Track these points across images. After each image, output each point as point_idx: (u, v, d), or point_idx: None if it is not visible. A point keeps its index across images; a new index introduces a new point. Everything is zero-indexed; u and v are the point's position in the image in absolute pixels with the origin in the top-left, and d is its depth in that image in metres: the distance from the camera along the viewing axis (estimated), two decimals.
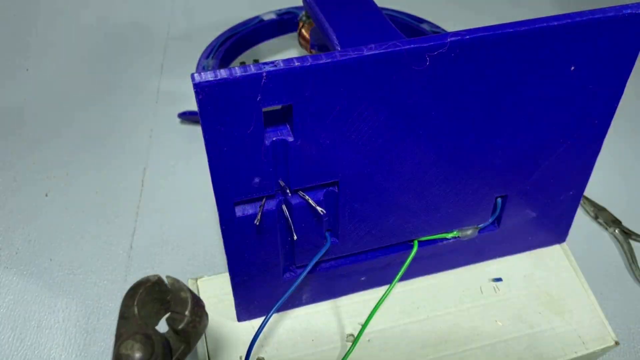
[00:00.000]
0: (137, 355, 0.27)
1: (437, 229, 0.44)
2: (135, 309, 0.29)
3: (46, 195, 0.65)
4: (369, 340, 0.45)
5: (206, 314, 0.30)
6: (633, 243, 0.63)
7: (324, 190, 0.38)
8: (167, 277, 0.30)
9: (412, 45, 0.31)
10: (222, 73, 0.29)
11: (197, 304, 0.30)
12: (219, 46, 0.71)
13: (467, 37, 0.32)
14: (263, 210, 0.37)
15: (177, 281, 0.30)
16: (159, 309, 0.30)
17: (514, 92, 0.36)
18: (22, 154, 0.69)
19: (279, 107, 0.33)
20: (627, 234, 0.63)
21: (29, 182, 0.66)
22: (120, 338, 0.28)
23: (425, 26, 0.77)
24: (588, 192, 0.66)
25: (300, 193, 0.37)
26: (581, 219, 0.66)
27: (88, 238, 0.62)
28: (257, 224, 0.37)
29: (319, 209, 0.37)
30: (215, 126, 0.31)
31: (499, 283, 0.48)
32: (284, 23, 0.76)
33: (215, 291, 0.47)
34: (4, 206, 0.63)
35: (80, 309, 0.56)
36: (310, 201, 0.37)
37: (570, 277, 0.49)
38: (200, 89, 0.29)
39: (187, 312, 0.29)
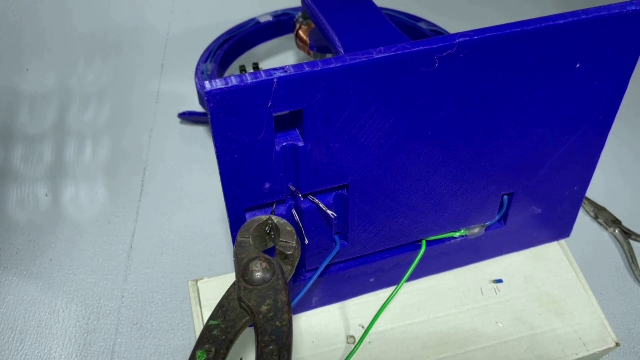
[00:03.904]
0: (265, 271, 0.34)
1: (444, 228, 0.44)
2: (250, 240, 0.35)
3: (46, 195, 0.65)
4: (369, 342, 0.45)
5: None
6: (633, 243, 0.63)
7: (334, 193, 0.38)
8: (273, 216, 0.37)
9: (421, 47, 0.31)
10: (233, 80, 0.29)
11: (298, 234, 0.37)
12: (216, 49, 0.71)
13: (475, 37, 0.32)
14: None
15: (281, 218, 0.37)
16: (261, 242, 0.37)
17: (521, 90, 0.36)
18: (21, 154, 0.69)
19: (287, 112, 0.33)
20: (627, 234, 0.63)
21: (29, 181, 0.66)
22: (243, 260, 0.34)
23: (422, 25, 0.77)
24: (588, 192, 0.66)
25: (310, 197, 0.37)
26: (581, 219, 0.66)
27: (88, 238, 0.62)
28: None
29: (329, 212, 0.37)
30: (227, 133, 0.31)
31: (499, 284, 0.48)
32: (281, 24, 0.76)
33: (215, 293, 0.46)
34: (4, 206, 0.63)
35: (80, 309, 0.56)
36: (321, 205, 0.37)
37: (571, 278, 0.49)
38: (211, 96, 0.29)
39: (293, 241, 0.36)
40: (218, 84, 0.29)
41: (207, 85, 0.29)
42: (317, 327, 0.45)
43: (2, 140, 0.68)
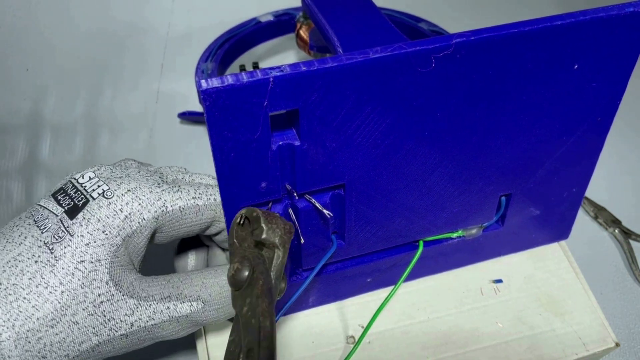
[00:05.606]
0: (240, 273, 0.33)
1: (442, 229, 0.44)
2: (236, 242, 0.35)
3: None
4: (369, 342, 0.45)
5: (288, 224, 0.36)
6: (633, 243, 0.63)
7: (330, 193, 0.38)
8: (246, 209, 0.35)
9: (417, 47, 0.31)
10: (229, 79, 0.29)
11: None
12: (217, 49, 0.71)
13: (472, 38, 0.32)
14: None
15: (260, 209, 0.35)
16: (250, 234, 0.36)
17: (519, 92, 0.36)
18: (21, 154, 0.69)
19: (284, 111, 0.33)
20: (627, 234, 0.63)
21: (28, 181, 0.66)
22: (230, 268, 0.35)
23: (423, 25, 0.76)
24: (588, 192, 0.66)
25: (307, 197, 0.37)
26: (581, 219, 0.65)
27: None
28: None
29: (326, 212, 0.37)
30: (223, 132, 0.31)
31: (499, 284, 0.48)
32: (281, 24, 0.76)
33: None
34: (4, 206, 0.63)
35: None
36: (317, 205, 0.37)
37: (571, 278, 0.49)
38: (207, 95, 0.29)
39: (272, 224, 0.34)
40: (214, 82, 0.29)
41: (203, 84, 0.29)
42: (316, 327, 0.46)
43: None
